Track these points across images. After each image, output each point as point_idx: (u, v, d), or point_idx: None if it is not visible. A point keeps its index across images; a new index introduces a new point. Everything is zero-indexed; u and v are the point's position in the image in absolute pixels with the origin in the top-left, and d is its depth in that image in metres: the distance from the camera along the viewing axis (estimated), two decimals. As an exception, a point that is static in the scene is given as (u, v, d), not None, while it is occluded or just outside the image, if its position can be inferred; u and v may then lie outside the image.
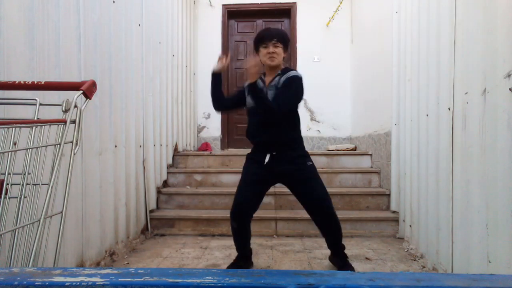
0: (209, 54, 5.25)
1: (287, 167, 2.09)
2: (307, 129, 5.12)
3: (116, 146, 2.59)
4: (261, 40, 2.11)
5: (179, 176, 3.84)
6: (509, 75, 1.44)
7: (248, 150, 2.29)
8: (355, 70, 4.85)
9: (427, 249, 2.35)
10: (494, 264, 1.54)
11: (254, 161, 2.18)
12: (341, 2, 4.88)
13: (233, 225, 2.18)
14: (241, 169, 2.27)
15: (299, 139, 2.18)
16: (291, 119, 2.12)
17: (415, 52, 2.60)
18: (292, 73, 2.09)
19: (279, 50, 2.10)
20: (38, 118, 1.26)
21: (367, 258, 2.51)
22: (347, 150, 4.44)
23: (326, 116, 5.13)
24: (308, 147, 5.11)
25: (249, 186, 2.16)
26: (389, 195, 3.29)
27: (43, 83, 1.21)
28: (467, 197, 1.79)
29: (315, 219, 2.17)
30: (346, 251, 2.29)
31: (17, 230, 1.12)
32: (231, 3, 5.26)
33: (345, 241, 2.31)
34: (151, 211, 3.26)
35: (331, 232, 2.19)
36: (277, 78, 2.11)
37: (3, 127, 1.20)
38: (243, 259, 2.30)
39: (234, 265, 2.27)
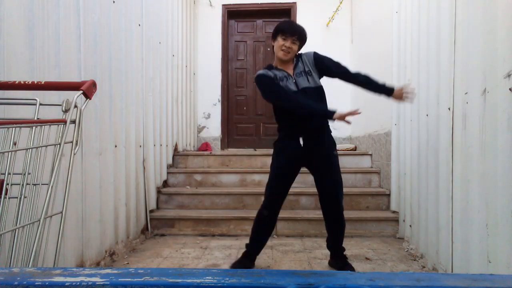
0: (209, 54, 5.26)
1: (319, 147, 2.12)
2: (307, 129, 5.12)
3: (116, 146, 2.59)
4: (282, 31, 2.11)
5: (179, 176, 3.84)
6: (509, 75, 1.44)
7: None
8: (355, 70, 4.84)
9: (427, 249, 2.35)
10: (494, 264, 1.54)
11: (287, 146, 2.15)
12: (341, 2, 4.88)
13: (264, 214, 2.17)
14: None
15: (328, 125, 2.21)
16: (324, 103, 2.15)
17: (415, 52, 2.60)
18: (310, 53, 2.19)
19: (295, 47, 2.11)
20: (38, 118, 1.26)
21: (367, 258, 2.51)
22: (347, 150, 4.43)
23: (326, 116, 5.13)
24: (308, 147, 5.12)
25: (281, 179, 2.17)
26: (389, 195, 3.29)
27: (43, 83, 1.21)
28: (467, 197, 1.79)
29: (324, 209, 2.19)
30: (346, 251, 2.29)
31: (17, 230, 1.12)
32: (231, 3, 5.26)
33: (345, 241, 2.31)
34: (151, 211, 3.25)
35: (337, 227, 2.20)
36: (300, 65, 2.15)
37: (3, 127, 1.20)
38: (249, 258, 2.26)
39: (240, 262, 2.24)
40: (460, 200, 1.88)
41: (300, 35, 2.11)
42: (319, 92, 2.15)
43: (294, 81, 2.11)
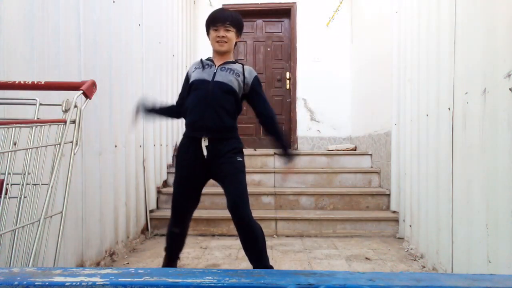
0: (209, 54, 5.25)
1: (220, 160, 1.84)
2: (307, 129, 5.13)
3: (116, 146, 2.59)
4: (212, 22, 1.90)
5: (179, 176, 3.83)
6: (509, 75, 1.44)
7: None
8: (355, 70, 4.85)
9: (427, 249, 2.35)
10: (494, 264, 1.54)
11: (189, 151, 1.92)
12: (341, 2, 4.88)
13: (175, 231, 2.00)
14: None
15: (235, 128, 1.93)
16: (232, 103, 1.87)
17: (415, 52, 2.60)
18: (254, 72, 1.96)
19: (231, 34, 1.90)
20: (38, 118, 1.26)
21: (367, 258, 2.51)
22: (347, 150, 4.43)
23: (326, 116, 5.13)
24: (308, 147, 5.12)
25: (181, 192, 1.95)
26: (389, 195, 3.29)
27: (43, 83, 1.21)
28: (467, 197, 1.79)
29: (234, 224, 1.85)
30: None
31: (17, 230, 1.12)
32: (231, 3, 5.25)
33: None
34: (151, 211, 3.25)
35: (248, 241, 1.85)
36: (237, 67, 1.91)
37: (3, 127, 1.20)
38: (172, 261, 2.12)
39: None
40: (460, 200, 1.88)
41: (232, 21, 1.88)
42: (228, 92, 1.85)
43: (214, 71, 1.89)
